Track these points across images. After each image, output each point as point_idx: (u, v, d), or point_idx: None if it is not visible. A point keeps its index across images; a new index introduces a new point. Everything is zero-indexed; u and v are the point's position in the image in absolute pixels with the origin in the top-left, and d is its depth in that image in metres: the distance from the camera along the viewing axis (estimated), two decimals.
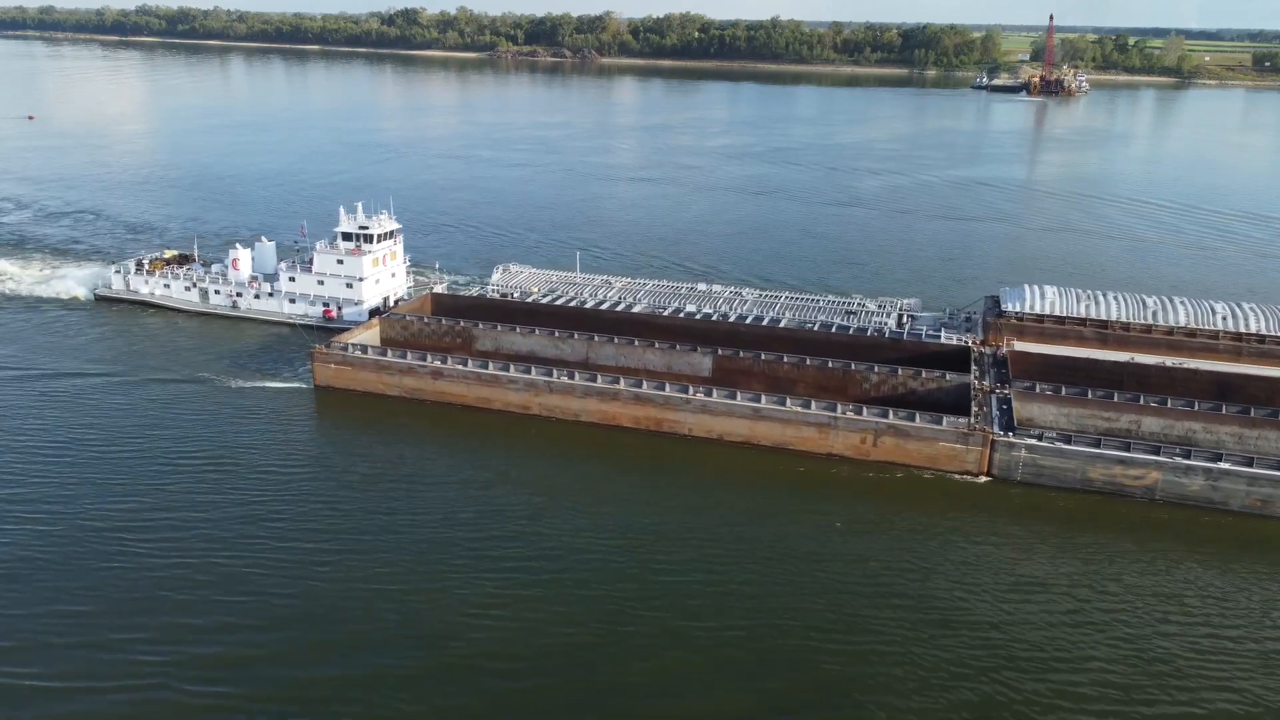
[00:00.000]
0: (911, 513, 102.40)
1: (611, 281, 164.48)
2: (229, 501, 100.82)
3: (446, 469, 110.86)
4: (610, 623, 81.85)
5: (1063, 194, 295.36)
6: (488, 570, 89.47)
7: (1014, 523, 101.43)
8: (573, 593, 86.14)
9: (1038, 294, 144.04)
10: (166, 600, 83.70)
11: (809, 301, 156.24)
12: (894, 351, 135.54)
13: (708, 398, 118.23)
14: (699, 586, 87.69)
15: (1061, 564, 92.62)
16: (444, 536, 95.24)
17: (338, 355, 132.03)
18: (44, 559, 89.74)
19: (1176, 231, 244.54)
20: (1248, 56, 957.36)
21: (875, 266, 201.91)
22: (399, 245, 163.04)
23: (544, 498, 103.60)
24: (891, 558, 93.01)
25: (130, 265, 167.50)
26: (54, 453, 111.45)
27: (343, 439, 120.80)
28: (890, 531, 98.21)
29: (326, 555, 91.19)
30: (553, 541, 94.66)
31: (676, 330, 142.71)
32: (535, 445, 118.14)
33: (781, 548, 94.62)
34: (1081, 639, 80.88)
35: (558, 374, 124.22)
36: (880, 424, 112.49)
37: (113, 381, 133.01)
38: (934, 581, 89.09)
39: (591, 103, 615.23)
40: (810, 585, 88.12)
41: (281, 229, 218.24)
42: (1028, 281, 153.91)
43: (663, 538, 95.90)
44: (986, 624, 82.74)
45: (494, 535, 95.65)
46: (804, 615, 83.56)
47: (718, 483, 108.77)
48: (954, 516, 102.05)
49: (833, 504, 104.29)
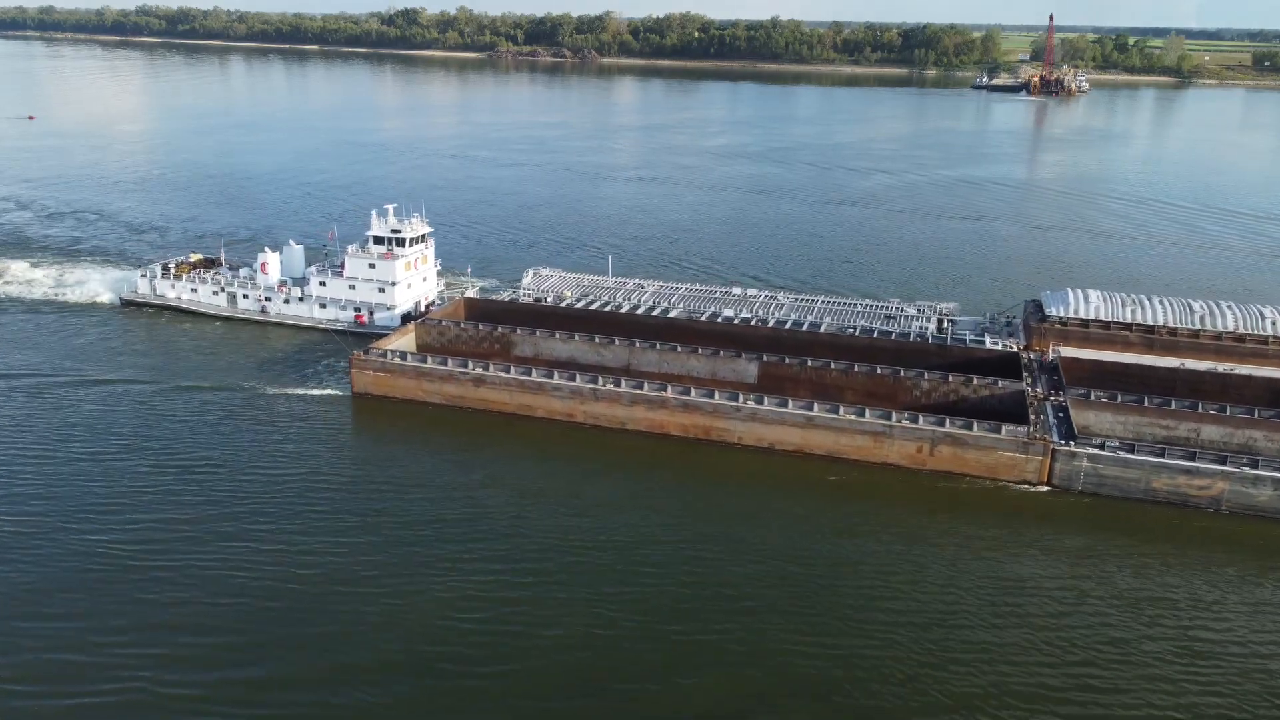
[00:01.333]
0: (974, 524, 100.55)
1: (644, 285, 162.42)
2: (278, 513, 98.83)
3: (492, 479, 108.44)
4: (679, 640, 79.92)
5: (1074, 193, 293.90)
6: (545, 584, 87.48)
7: (1079, 533, 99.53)
8: (637, 607, 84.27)
9: (1081, 298, 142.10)
10: (222, 612, 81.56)
11: (846, 306, 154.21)
12: (940, 358, 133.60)
13: (759, 405, 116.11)
14: (773, 601, 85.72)
15: (1131, 577, 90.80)
16: (498, 549, 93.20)
17: (376, 362, 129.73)
18: (95, 569, 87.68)
19: (1188, 230, 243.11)
20: (1247, 56, 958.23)
21: (889, 267, 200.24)
22: (430, 249, 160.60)
23: (596, 509, 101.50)
24: (961, 570, 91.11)
25: (156, 269, 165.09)
26: (91, 461, 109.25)
27: (383, 447, 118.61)
28: (955, 543, 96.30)
29: (373, 568, 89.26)
30: (613, 554, 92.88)
31: (716, 336, 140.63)
32: (581, 454, 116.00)
33: (847, 559, 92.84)
34: (1173, 659, 78.87)
35: (603, 381, 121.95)
36: (937, 433, 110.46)
37: (147, 389, 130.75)
38: (1008, 595, 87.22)
39: (592, 103, 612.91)
40: (880, 598, 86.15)
41: (282, 229, 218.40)
42: (1060, 285, 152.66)
43: (724, 550, 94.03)
44: (1069, 640, 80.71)
45: (554, 546, 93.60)
46: (876, 631, 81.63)
47: (772, 492, 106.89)
48: (1017, 528, 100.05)
49: (892, 514, 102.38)
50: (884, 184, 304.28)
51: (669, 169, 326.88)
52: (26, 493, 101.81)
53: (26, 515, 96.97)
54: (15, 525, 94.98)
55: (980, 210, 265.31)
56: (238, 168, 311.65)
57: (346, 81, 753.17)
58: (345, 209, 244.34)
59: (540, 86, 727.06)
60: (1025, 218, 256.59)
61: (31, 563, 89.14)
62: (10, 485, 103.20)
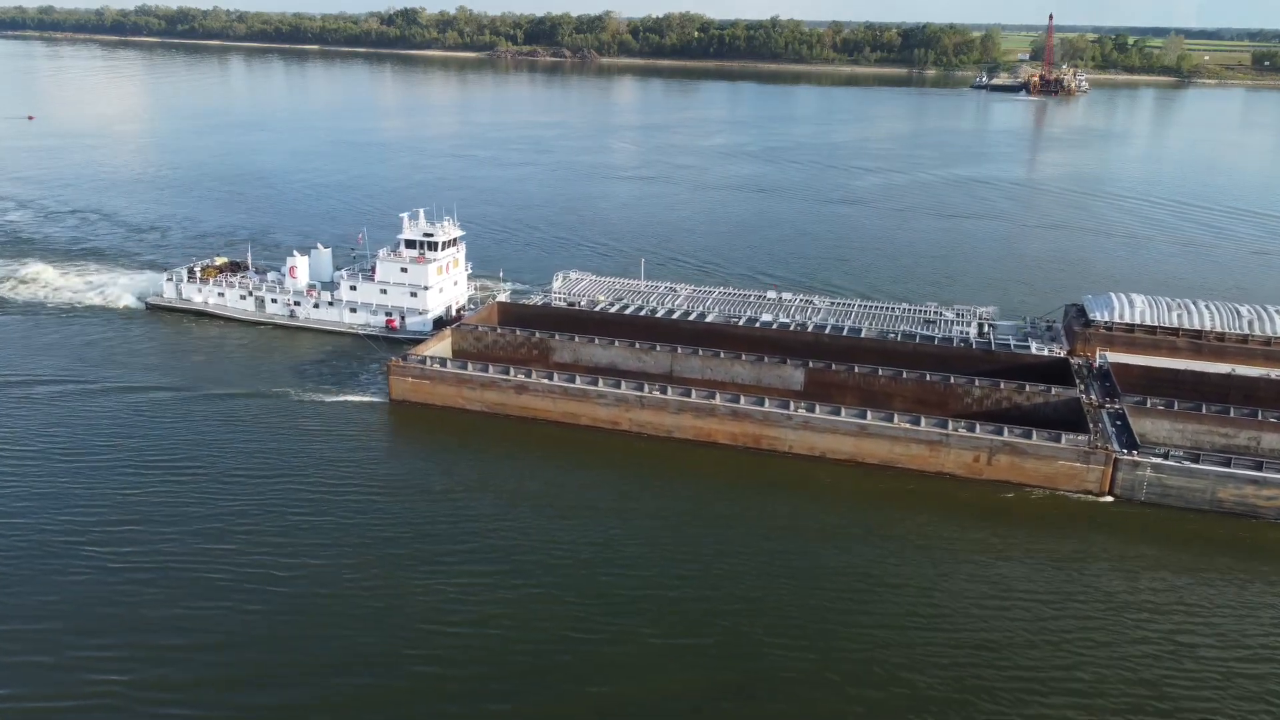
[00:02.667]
0: (1038, 535, 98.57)
1: (676, 289, 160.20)
2: (324, 524, 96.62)
3: (540, 489, 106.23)
4: (742, 660, 77.83)
5: (1079, 192, 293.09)
6: (590, 603, 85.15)
7: (1148, 545, 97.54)
8: (693, 624, 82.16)
9: (1125, 302, 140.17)
10: (278, 624, 79.35)
11: (884, 310, 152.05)
12: (986, 363, 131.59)
13: (810, 414, 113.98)
14: (838, 617, 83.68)
15: (1206, 590, 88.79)
16: (553, 561, 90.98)
17: (414, 368, 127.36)
18: (134, 580, 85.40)
19: (1203, 230, 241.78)
20: (1247, 56, 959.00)
21: (903, 268, 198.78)
22: (462, 252, 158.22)
23: (644, 520, 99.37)
24: (1030, 585, 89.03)
25: (182, 273, 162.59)
26: (128, 470, 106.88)
27: (425, 456, 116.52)
28: (1020, 556, 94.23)
29: (424, 581, 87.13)
30: (657, 568, 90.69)
31: (758, 341, 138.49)
32: (628, 462, 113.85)
33: (907, 575, 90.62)
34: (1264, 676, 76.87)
35: (649, 388, 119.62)
36: (995, 441, 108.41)
37: (180, 396, 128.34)
38: (1077, 609, 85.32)
39: (593, 103, 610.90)
40: (948, 614, 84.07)
41: (284, 229, 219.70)
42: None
43: (781, 564, 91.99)
44: (1155, 658, 78.79)
45: (602, 561, 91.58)
46: (944, 649, 79.49)
47: (826, 503, 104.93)
48: (1083, 539, 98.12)
49: (951, 525, 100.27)
50: (889, 183, 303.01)
51: (673, 168, 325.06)
52: (63, 501, 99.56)
53: (64, 523, 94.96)
54: (53, 534, 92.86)
55: (986, 210, 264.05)
56: (240, 167, 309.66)
57: (346, 81, 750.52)
58: (347, 209, 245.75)
59: (540, 86, 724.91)
60: (1035, 219, 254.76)
61: (71, 573, 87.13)
62: (46, 494, 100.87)
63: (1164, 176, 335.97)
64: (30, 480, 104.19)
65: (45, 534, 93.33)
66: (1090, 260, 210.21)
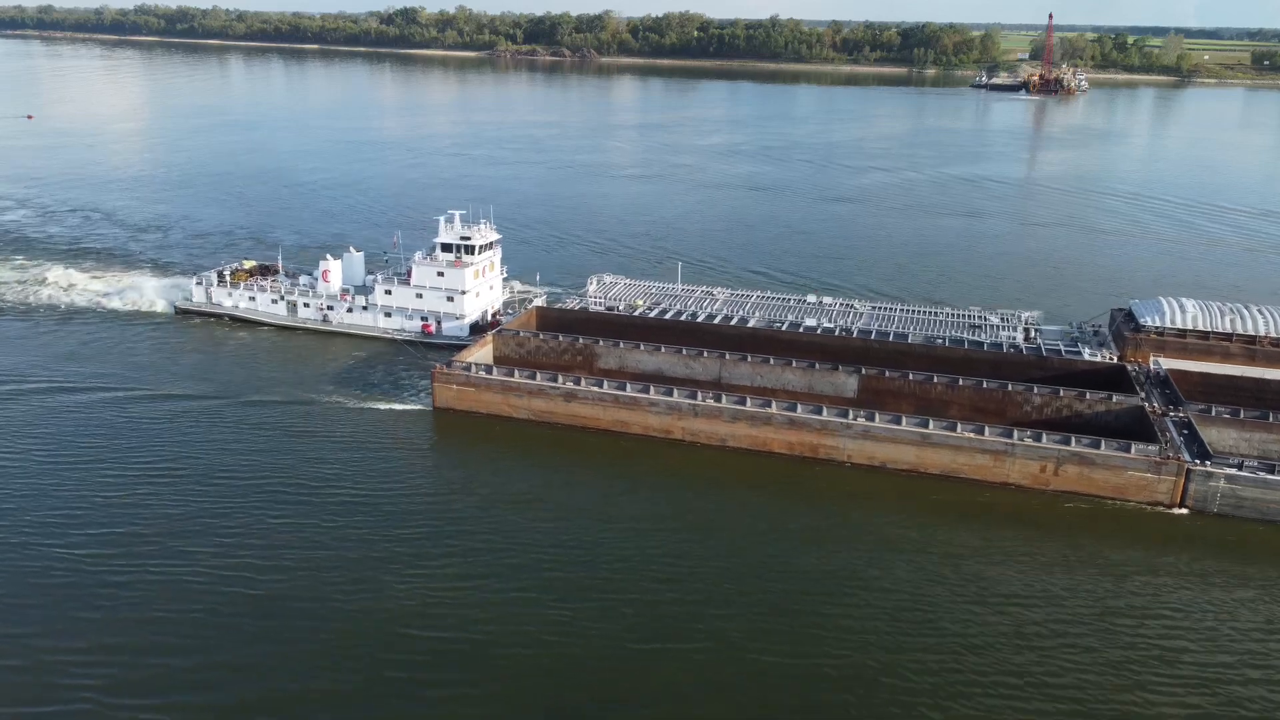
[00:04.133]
0: (1110, 549, 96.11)
1: (714, 293, 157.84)
2: (378, 539, 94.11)
3: (594, 501, 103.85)
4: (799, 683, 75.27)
5: (1082, 192, 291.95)
6: (654, 624, 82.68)
7: (1225, 559, 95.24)
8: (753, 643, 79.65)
9: (1176, 307, 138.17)
10: (298, 637, 76.55)
11: (928, 314, 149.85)
12: (1040, 369, 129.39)
13: (870, 422, 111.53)
14: (918, 630, 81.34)
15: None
16: (616, 577, 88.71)
17: (459, 375, 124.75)
18: (191, 590, 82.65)
19: (1223, 230, 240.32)
20: (1246, 55, 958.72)
21: (917, 271, 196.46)
22: (498, 256, 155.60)
23: (698, 533, 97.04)
24: (1107, 602, 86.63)
25: (212, 276, 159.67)
26: (166, 480, 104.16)
27: (473, 466, 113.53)
28: (1095, 570, 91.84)
29: (483, 598, 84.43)
30: (711, 586, 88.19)
31: (805, 347, 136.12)
32: (685, 473, 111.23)
33: (990, 591, 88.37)
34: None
35: (702, 396, 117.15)
36: (1063, 451, 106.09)
37: (217, 403, 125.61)
38: (1156, 628, 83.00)
39: (595, 102, 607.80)
40: (1027, 630, 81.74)
41: (282, 228, 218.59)
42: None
43: (853, 581, 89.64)
44: (1234, 678, 76.42)
45: (662, 579, 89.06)
46: (1020, 667, 77.25)
47: (890, 514, 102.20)
48: (1157, 553, 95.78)
49: (1020, 538, 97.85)
50: (904, 181, 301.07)
51: (696, 168, 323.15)
52: (103, 513, 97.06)
53: (105, 536, 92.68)
54: (95, 546, 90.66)
55: (993, 210, 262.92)
56: (245, 168, 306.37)
57: (346, 81, 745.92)
58: (345, 210, 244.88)
59: (540, 86, 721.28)
60: (1049, 219, 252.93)
61: (119, 584, 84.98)
62: (94, 506, 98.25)
63: (1173, 177, 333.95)
64: (67, 490, 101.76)
65: (87, 545, 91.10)
66: (1116, 263, 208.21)
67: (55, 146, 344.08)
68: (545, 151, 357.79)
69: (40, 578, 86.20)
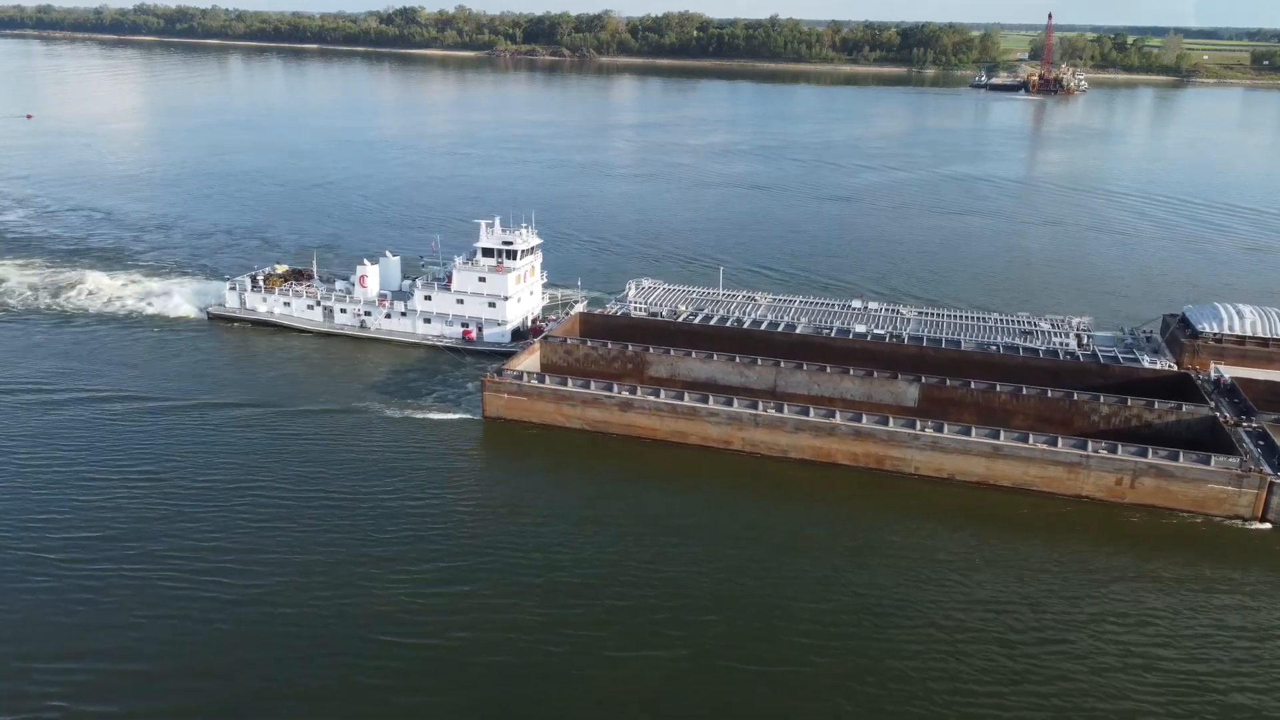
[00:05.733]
0: (1192, 564, 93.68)
1: (755, 298, 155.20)
2: (436, 553, 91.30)
3: (660, 513, 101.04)
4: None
5: (1090, 191, 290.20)
6: (724, 646, 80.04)
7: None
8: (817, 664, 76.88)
9: (1234, 313, 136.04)
10: (349, 654, 73.71)
11: (977, 320, 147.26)
12: (1100, 378, 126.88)
13: (938, 433, 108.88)
14: (1000, 648, 78.70)
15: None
16: (688, 594, 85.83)
17: (510, 384, 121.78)
18: (242, 610, 79.74)
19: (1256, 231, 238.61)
20: (1246, 55, 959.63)
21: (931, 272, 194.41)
22: (539, 260, 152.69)
23: (767, 547, 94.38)
24: (1194, 622, 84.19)
25: (245, 281, 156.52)
26: (210, 493, 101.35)
27: (529, 478, 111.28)
28: (1175, 588, 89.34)
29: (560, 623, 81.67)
30: (788, 604, 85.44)
31: (858, 354, 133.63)
32: (750, 485, 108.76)
33: (1065, 608, 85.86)
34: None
35: (763, 406, 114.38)
36: (1139, 463, 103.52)
37: (258, 412, 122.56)
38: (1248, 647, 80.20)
39: (595, 101, 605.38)
40: (1134, 663, 79.25)
41: (278, 227, 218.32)
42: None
43: (944, 591, 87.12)
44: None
45: (750, 596, 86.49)
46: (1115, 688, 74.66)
47: (963, 528, 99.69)
48: (1242, 570, 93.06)
49: (1099, 553, 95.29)
50: (891, 182, 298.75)
51: (709, 169, 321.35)
52: (151, 524, 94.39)
53: (148, 549, 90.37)
54: (142, 559, 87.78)
55: (1001, 211, 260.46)
56: (246, 169, 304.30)
57: (345, 81, 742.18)
58: (352, 208, 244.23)
59: (540, 86, 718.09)
60: (1058, 220, 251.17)
61: (165, 603, 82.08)
62: (138, 518, 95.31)
63: (1180, 177, 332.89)
64: (106, 502, 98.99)
65: (129, 560, 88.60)
66: (1143, 265, 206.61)
67: (56, 146, 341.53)
68: (541, 151, 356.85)
69: (96, 582, 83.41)
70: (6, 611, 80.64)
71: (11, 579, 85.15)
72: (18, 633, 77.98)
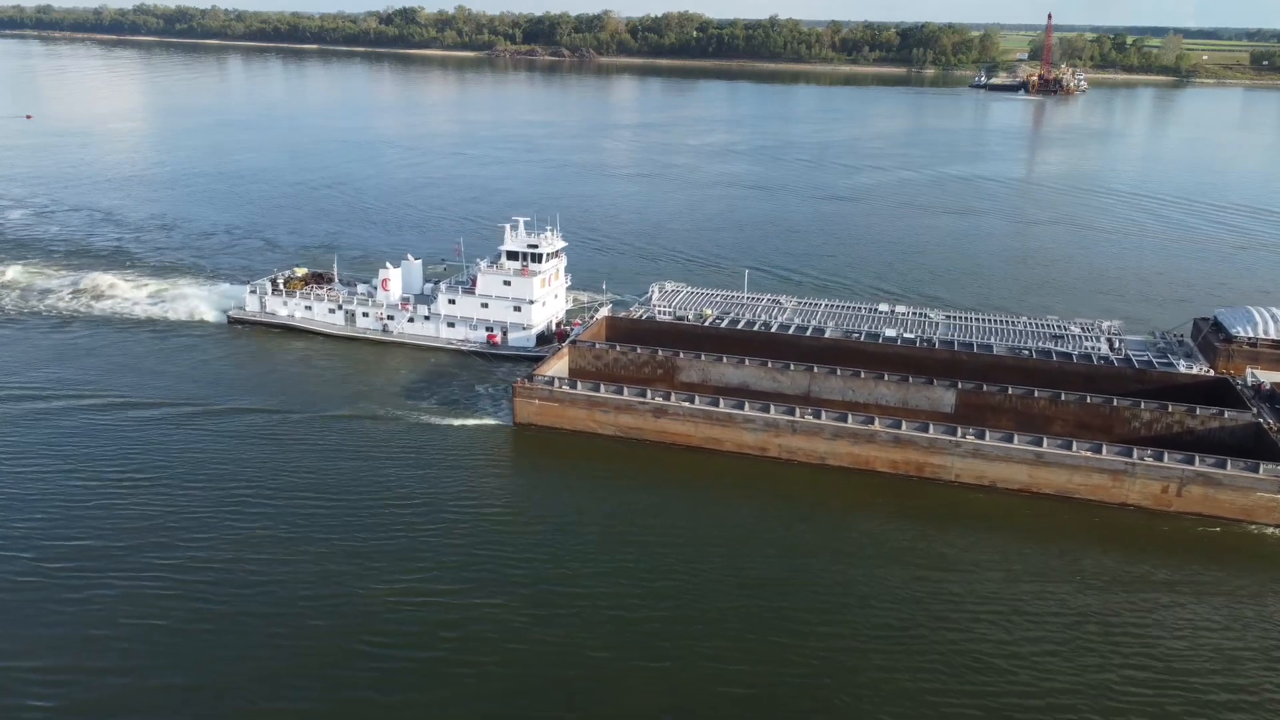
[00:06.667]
0: (1249, 575, 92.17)
1: (781, 301, 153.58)
2: (472, 562, 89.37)
3: (709, 524, 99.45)
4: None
5: (1121, 193, 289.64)
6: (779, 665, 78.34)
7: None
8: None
9: (1268, 317, 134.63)
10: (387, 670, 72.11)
11: (1006, 324, 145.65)
12: (1137, 383, 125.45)
13: (980, 440, 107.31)
14: (1048, 660, 77.12)
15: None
16: (748, 608, 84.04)
17: (542, 390, 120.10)
18: (275, 627, 78.08)
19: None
20: (1245, 55, 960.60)
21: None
22: (563, 264, 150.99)
23: (822, 559, 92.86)
24: (1246, 635, 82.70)
25: (265, 285, 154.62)
26: (240, 504, 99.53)
27: (565, 486, 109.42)
28: (1228, 599, 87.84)
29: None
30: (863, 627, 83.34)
31: (891, 359, 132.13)
32: (792, 493, 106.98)
33: (1114, 621, 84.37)
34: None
35: (801, 412, 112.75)
36: (1187, 471, 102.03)
37: (285, 419, 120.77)
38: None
39: (598, 102, 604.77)
40: (1193, 682, 77.39)
41: (277, 226, 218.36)
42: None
43: (995, 618, 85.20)
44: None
45: (812, 611, 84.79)
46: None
47: (1011, 537, 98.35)
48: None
49: (1144, 562, 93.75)
50: (893, 182, 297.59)
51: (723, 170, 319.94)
52: (195, 537, 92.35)
53: (182, 560, 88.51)
54: (182, 573, 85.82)
55: (1014, 212, 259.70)
56: (248, 168, 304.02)
57: (345, 81, 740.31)
58: (357, 209, 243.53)
59: (540, 86, 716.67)
60: (1065, 220, 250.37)
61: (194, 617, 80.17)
62: (164, 527, 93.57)
63: (1185, 177, 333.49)
64: (129, 509, 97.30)
65: (156, 569, 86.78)
66: (1157, 267, 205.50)
67: (55, 147, 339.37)
68: (540, 150, 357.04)
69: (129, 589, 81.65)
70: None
71: (72, 588, 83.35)
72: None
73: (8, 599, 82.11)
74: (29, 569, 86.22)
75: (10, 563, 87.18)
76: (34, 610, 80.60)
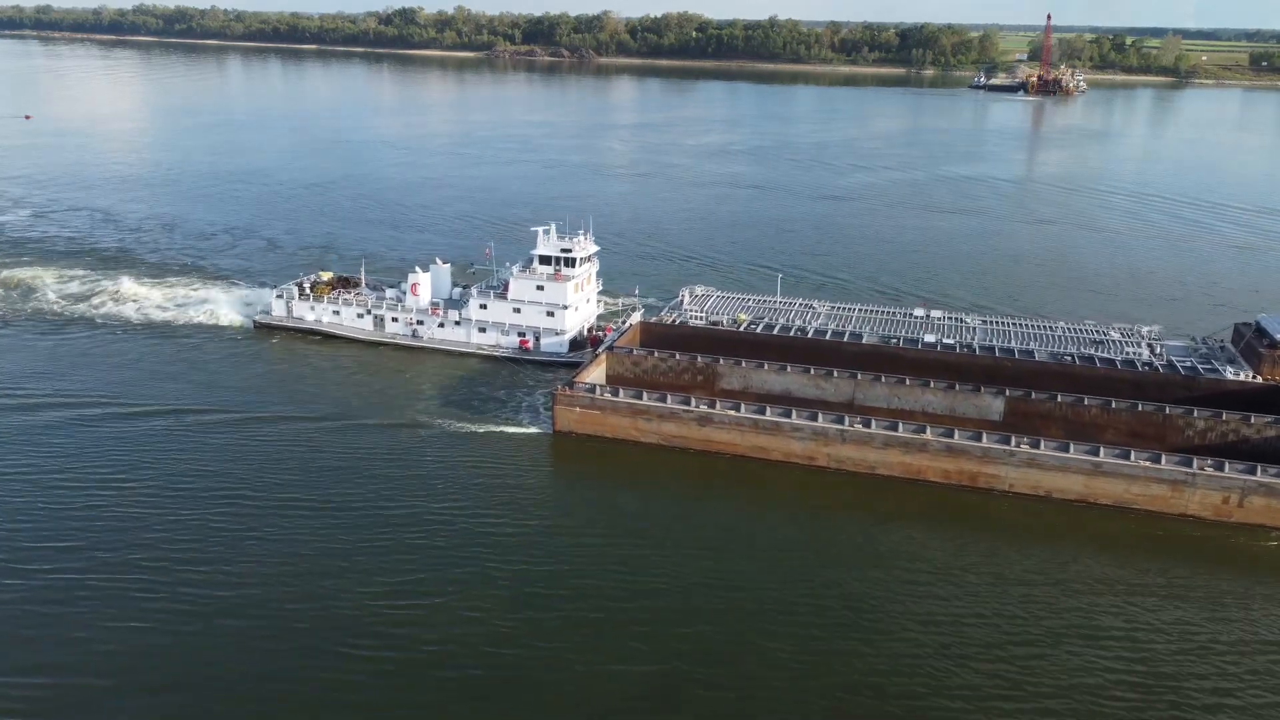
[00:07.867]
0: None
1: (814, 306, 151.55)
2: (508, 576, 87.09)
3: (768, 534, 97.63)
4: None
5: (1124, 192, 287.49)
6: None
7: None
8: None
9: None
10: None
11: (1044, 329, 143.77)
12: (1185, 390, 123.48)
13: (1035, 450, 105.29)
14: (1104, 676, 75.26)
15: None
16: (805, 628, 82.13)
17: (583, 397, 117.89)
18: (309, 641, 75.70)
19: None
20: (1244, 56, 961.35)
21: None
22: (595, 268, 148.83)
23: (887, 570, 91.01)
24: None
25: (293, 289, 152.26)
26: (274, 515, 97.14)
27: (613, 496, 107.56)
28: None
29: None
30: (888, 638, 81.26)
31: (933, 365, 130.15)
32: (848, 503, 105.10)
33: (1180, 635, 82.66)
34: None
35: (850, 421, 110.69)
36: (1248, 481, 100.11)
37: (319, 426, 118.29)
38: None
39: (598, 102, 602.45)
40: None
41: (270, 227, 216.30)
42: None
43: (1066, 640, 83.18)
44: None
45: (891, 629, 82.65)
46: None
47: (1071, 550, 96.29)
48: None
49: (1204, 573, 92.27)
50: (887, 183, 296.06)
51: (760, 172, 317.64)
52: (227, 552, 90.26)
53: (215, 574, 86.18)
54: (213, 588, 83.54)
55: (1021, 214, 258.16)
56: (250, 169, 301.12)
57: (345, 81, 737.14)
58: (364, 211, 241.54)
59: (539, 86, 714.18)
60: (1068, 220, 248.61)
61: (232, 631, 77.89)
62: (200, 539, 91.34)
63: (1187, 177, 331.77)
64: (163, 522, 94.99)
65: (191, 579, 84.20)
66: (1177, 270, 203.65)
67: (56, 147, 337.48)
68: (539, 151, 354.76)
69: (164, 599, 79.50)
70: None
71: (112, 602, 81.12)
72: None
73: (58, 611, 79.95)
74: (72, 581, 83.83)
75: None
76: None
